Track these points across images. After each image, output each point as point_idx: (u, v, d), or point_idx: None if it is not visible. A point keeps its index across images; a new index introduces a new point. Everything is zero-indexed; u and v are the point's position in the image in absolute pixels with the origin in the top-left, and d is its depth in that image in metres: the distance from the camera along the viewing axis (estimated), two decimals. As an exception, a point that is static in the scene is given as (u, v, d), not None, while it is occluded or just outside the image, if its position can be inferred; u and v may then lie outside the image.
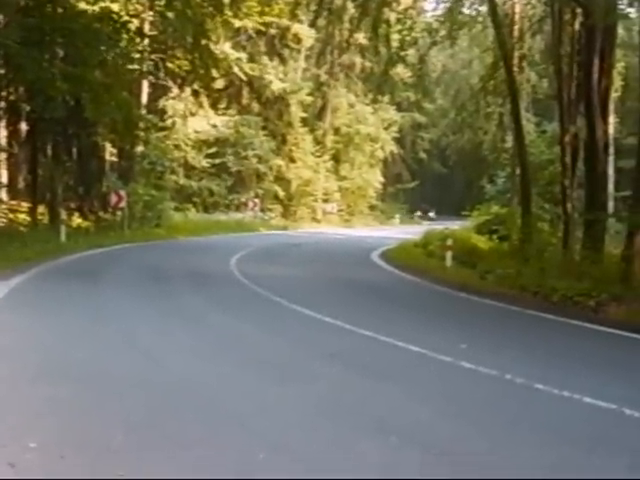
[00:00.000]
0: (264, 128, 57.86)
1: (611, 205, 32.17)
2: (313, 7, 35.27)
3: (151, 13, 38.92)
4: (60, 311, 13.34)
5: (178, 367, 9.26)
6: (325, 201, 64.34)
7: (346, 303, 16.19)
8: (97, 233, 33.17)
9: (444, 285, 19.89)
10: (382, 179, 72.77)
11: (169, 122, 52.20)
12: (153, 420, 6.96)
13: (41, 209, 35.06)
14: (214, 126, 54.26)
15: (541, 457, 6.20)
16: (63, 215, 31.26)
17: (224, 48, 49.35)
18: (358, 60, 68.04)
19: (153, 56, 40.77)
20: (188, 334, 11.65)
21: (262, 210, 55.77)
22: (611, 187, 34.55)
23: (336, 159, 67.28)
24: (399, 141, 76.57)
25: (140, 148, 43.75)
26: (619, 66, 43.33)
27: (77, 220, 34.96)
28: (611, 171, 33.73)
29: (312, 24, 55.16)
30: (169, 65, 48.18)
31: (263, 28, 55.58)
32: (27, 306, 14.01)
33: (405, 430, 6.83)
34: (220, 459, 5.91)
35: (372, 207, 72.67)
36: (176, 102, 52.92)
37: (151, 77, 43.76)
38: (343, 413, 7.43)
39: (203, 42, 35.26)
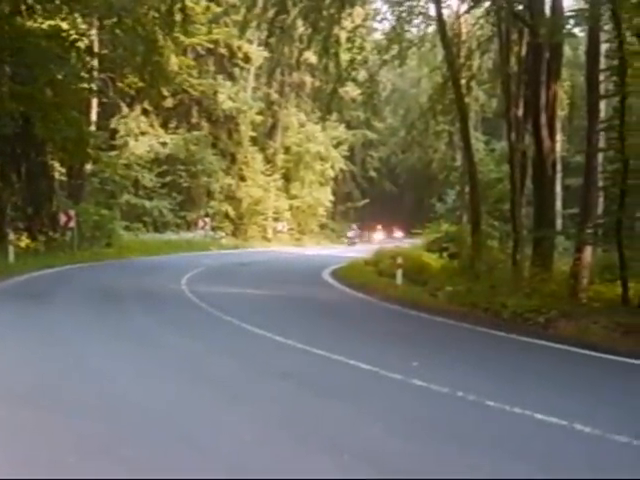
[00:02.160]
0: (214, 146, 57.82)
1: (559, 222, 32.62)
2: (264, 26, 35.32)
3: (99, 31, 38.72)
4: (7, 334, 13.15)
5: (129, 389, 9.19)
6: (276, 220, 64.38)
7: (298, 322, 16.17)
8: (46, 253, 32.81)
9: (395, 303, 19.93)
10: (332, 197, 72.98)
11: (120, 141, 52.01)
12: (104, 444, 6.89)
13: (-12, 230, 34.67)
14: (164, 144, 54.08)
15: (495, 474, 6.24)
16: (11, 236, 30.83)
17: (173, 65, 49.22)
18: (308, 79, 68.30)
19: (102, 75, 40.58)
20: (139, 355, 11.58)
21: (212, 229, 55.60)
22: (559, 205, 35.02)
23: (286, 178, 67.44)
24: (349, 159, 76.88)
25: (90, 167, 43.48)
26: (565, 85, 43.93)
27: (26, 240, 34.52)
28: (559, 189, 34.17)
29: (265, 43, 55.30)
30: (119, 84, 48.05)
31: (212, 46, 55.62)
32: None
33: (357, 448, 6.83)
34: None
35: (323, 226, 72.85)
36: (127, 121, 52.75)
37: (101, 95, 43.57)
38: (296, 432, 7.42)
39: (154, 58, 35.17)
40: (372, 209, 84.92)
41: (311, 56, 51.99)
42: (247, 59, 59.54)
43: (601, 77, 21.60)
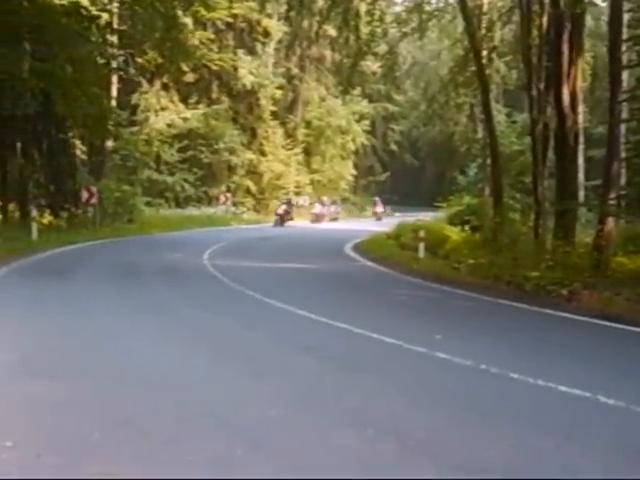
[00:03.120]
0: (234, 121, 57.75)
1: (582, 194, 32.43)
2: (283, 0, 35.23)
3: (119, 6, 38.65)
4: (33, 309, 13.25)
5: (153, 362, 9.25)
6: (297, 194, 64.28)
7: (320, 296, 16.20)
8: (69, 230, 32.97)
9: (417, 276, 19.92)
10: (354, 171, 72.82)
11: (141, 117, 52.05)
12: (129, 416, 6.93)
13: (11, 207, 34.82)
14: (185, 119, 54.04)
15: (518, 446, 6.23)
16: (34, 213, 30.97)
17: (193, 40, 49.10)
18: (328, 53, 68.08)
19: (122, 51, 40.56)
20: (162, 328, 11.63)
21: (234, 204, 55.63)
22: (581, 176, 34.79)
23: (307, 152, 67.26)
24: (370, 133, 76.61)
25: (111, 143, 43.59)
26: (587, 56, 43.59)
27: (48, 217, 34.71)
28: (581, 160, 33.93)
29: (284, 17, 55.22)
30: (138, 60, 48.02)
31: (231, 20, 55.45)
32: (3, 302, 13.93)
33: (381, 422, 6.84)
34: (197, 455, 5.88)
35: (344, 200, 72.67)
36: (147, 97, 52.77)
37: (121, 72, 43.57)
38: (319, 406, 7.43)
39: (173, 34, 35.11)
40: (393, 182, 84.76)
41: (330, 29, 51.85)
42: (267, 33, 59.34)
43: (623, 47, 21.38)
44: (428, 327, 12.00)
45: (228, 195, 54.60)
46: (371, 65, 57.45)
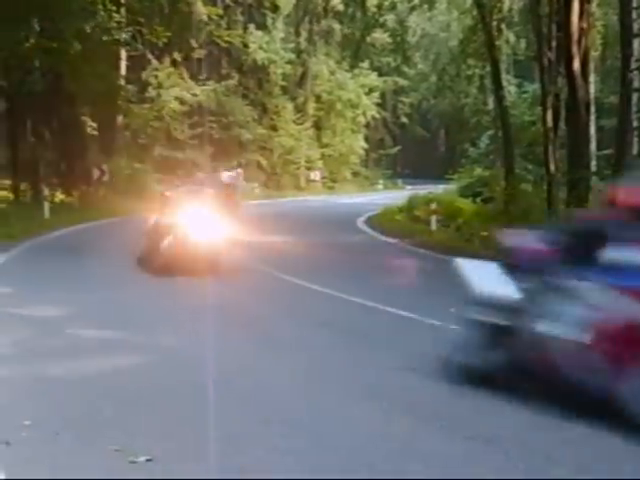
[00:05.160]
0: (245, 97, 57.61)
1: (594, 164, 32.29)
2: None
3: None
4: (49, 285, 13.27)
5: (164, 332, 9.33)
6: (308, 169, 64.16)
7: (334, 271, 16.19)
8: (81, 208, 32.97)
9: (430, 249, 19.92)
10: (365, 145, 72.63)
11: (151, 93, 51.92)
12: (140, 396, 6.99)
13: (23, 186, 34.87)
14: (195, 95, 53.89)
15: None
16: (46, 191, 31.01)
17: (201, 15, 48.94)
18: (337, 26, 67.80)
19: (130, 27, 40.43)
20: (177, 301, 11.68)
21: (245, 180, 55.49)
22: (593, 146, 34.65)
23: (318, 126, 67.04)
24: (381, 106, 76.34)
25: (121, 120, 43.53)
26: (598, 25, 43.31)
27: (60, 196, 34.74)
28: (593, 130, 33.80)
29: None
30: (147, 36, 47.88)
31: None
32: (18, 281, 13.94)
33: (395, 395, 6.89)
34: (215, 432, 5.90)
35: (355, 173, 72.49)
36: (156, 73, 52.62)
37: (129, 48, 43.45)
38: (334, 380, 7.46)
39: (181, 8, 34.98)
40: (404, 155, 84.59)
41: (338, 4, 51.67)
42: (275, 7, 59.12)
43: (634, 15, 21.27)
44: (443, 300, 11.96)
45: (239, 170, 54.51)
46: (380, 38, 57.21)
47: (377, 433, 5.95)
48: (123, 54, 43.09)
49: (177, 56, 51.64)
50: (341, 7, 50.80)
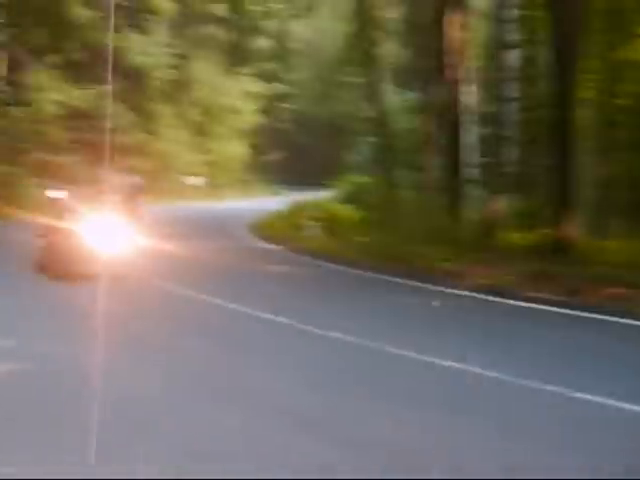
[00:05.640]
0: (123, 101, 56.98)
1: (474, 172, 32.90)
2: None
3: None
4: None
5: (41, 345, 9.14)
6: (190, 175, 63.76)
7: (212, 277, 16.07)
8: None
9: (305, 254, 20.03)
10: (247, 151, 72.55)
11: (29, 96, 50.92)
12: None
13: None
14: (73, 99, 53.05)
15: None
16: None
17: (80, 19, 48.26)
18: (217, 32, 67.53)
19: (9, 29, 39.56)
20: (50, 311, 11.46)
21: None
22: (474, 155, 35.28)
23: (199, 132, 66.76)
24: (263, 112, 76.42)
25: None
26: (478, 36, 44.12)
27: None
28: (474, 139, 34.42)
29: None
30: (24, 38, 46.99)
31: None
32: None
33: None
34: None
35: (238, 179, 72.40)
36: (34, 75, 51.63)
37: (7, 50, 42.53)
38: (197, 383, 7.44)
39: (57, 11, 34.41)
40: (288, 162, 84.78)
41: (219, 9, 51.46)
42: (156, 11, 58.67)
43: (509, 27, 21.78)
44: (319, 306, 12.06)
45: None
46: (261, 44, 57.28)
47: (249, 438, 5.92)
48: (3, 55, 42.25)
49: (56, 59, 50.85)
50: (222, 13, 50.54)
